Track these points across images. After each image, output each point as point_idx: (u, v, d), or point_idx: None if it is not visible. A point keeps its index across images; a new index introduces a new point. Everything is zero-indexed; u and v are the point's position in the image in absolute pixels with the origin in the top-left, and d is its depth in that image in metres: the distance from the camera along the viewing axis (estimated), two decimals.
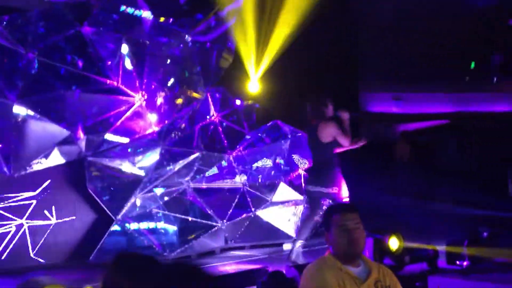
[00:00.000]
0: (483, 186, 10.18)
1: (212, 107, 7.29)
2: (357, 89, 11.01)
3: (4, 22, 5.91)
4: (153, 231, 6.71)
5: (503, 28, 12.61)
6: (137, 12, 6.82)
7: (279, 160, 7.74)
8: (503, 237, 6.62)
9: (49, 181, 6.07)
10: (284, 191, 7.56)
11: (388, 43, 11.21)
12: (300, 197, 7.55)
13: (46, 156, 5.94)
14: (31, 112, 5.90)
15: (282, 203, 7.55)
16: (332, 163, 6.00)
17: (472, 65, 12.87)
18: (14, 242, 5.76)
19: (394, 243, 5.75)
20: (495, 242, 6.42)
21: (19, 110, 5.84)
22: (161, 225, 6.76)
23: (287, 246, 7.31)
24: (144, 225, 6.64)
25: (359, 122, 7.17)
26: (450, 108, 11.86)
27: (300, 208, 7.64)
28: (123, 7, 6.71)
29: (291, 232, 7.41)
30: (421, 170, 11.47)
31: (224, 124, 7.39)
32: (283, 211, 7.55)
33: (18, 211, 5.83)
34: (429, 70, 11.83)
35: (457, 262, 6.15)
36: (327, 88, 9.03)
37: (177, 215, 6.80)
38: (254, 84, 8.26)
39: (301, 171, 7.69)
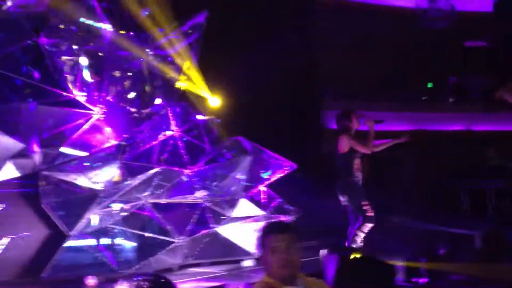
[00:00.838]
0: (438, 202, 10.42)
1: (172, 122, 7.22)
2: (320, 107, 11.15)
3: None
4: (110, 247, 6.54)
5: (459, 50, 13.07)
6: (97, 25, 6.74)
7: (240, 176, 7.69)
8: (459, 253, 6.78)
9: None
10: (244, 207, 7.51)
11: (349, 63, 11.43)
12: (262, 213, 7.52)
13: None
14: None
15: (243, 219, 7.49)
16: (346, 173, 6.66)
17: (429, 85, 13.26)
18: None
19: (356, 258, 5.79)
20: (451, 258, 6.55)
21: None
22: (118, 241, 6.61)
23: (246, 263, 7.25)
24: (100, 241, 6.47)
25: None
26: (408, 126, 12.11)
27: (261, 224, 7.60)
28: (82, 19, 6.61)
29: (251, 249, 7.35)
30: (378, 187, 11.63)
31: (185, 139, 7.32)
32: (244, 227, 7.50)
33: None
34: (388, 89, 12.12)
35: (413, 280, 6.22)
36: (290, 105, 9.14)
37: (135, 231, 6.66)
38: (214, 99, 8.24)
39: (262, 187, 7.68)
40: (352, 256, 5.91)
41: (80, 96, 6.34)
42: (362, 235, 6.67)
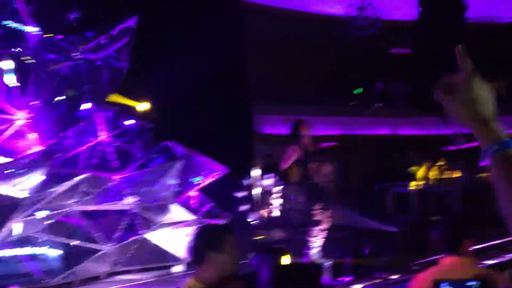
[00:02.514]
0: (365, 204, 10.81)
1: (100, 127, 7.13)
2: (251, 112, 11.31)
3: None
4: (33, 257, 6.37)
5: (385, 57, 13.61)
6: (22, 27, 6.54)
7: (171, 181, 7.70)
8: (382, 251, 7.19)
9: None
10: (175, 213, 7.53)
11: (279, 68, 11.65)
12: (192, 218, 7.56)
13: None
14: None
15: (173, 224, 7.50)
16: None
17: (357, 91, 13.73)
18: None
19: (286, 261, 6.08)
20: (375, 257, 6.95)
21: None
22: (42, 250, 6.44)
23: (176, 269, 7.27)
24: (23, 250, 6.29)
25: None
26: (337, 130, 12.50)
27: (192, 229, 7.64)
28: (6, 21, 6.40)
29: (181, 254, 7.38)
30: (306, 190, 11.93)
31: (115, 144, 7.25)
32: (174, 233, 7.51)
33: None
34: (317, 94, 12.45)
35: (339, 278, 6.51)
36: (221, 108, 9.19)
37: (60, 239, 6.52)
38: (143, 104, 8.20)
39: (194, 192, 7.72)
40: (282, 259, 6.14)
41: (2, 101, 6.13)
42: (313, 239, 6.77)
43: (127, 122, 7.48)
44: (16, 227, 6.13)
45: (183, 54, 8.33)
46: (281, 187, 7.10)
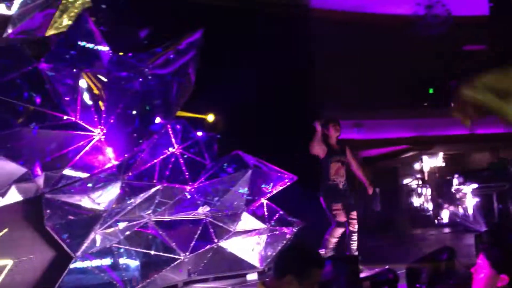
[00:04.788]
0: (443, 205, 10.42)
1: (173, 139, 7.32)
2: (319, 118, 11.20)
3: None
4: (114, 267, 6.63)
5: (459, 54, 13.11)
6: (95, 47, 6.86)
7: (241, 190, 7.77)
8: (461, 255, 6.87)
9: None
10: (247, 221, 7.59)
11: (348, 73, 11.50)
12: (263, 226, 7.59)
13: (3, 195, 5.85)
14: None
15: (246, 233, 7.56)
16: (323, 177, 7.00)
17: (430, 91, 13.30)
18: None
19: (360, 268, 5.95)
20: (454, 261, 6.63)
21: None
22: (122, 260, 6.69)
23: (250, 277, 7.31)
24: (105, 261, 6.56)
25: None
26: (410, 133, 12.16)
27: (264, 237, 7.67)
28: (81, 43, 6.74)
29: (255, 262, 7.42)
30: (383, 194, 11.66)
31: (186, 156, 7.41)
32: (246, 241, 7.56)
33: None
34: (388, 96, 12.17)
35: (417, 285, 6.26)
36: (290, 117, 9.18)
37: (139, 249, 6.74)
38: (211, 116, 8.34)
39: (264, 201, 7.74)
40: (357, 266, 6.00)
41: (80, 119, 6.44)
42: (333, 240, 6.78)
43: (196, 134, 7.63)
44: (98, 239, 6.40)
45: (250, 64, 8.42)
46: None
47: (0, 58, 6.20)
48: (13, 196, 5.97)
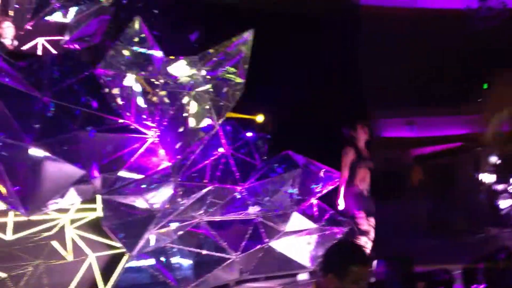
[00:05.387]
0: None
1: (223, 140, 7.42)
2: (370, 116, 11.09)
3: (20, 68, 6.14)
4: (168, 266, 6.80)
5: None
6: (148, 52, 7.02)
7: (292, 190, 7.80)
8: None
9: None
10: (297, 221, 7.61)
11: (398, 69, 11.30)
12: (314, 226, 7.59)
13: (62, 196, 6.09)
14: (47, 154, 6.06)
15: (296, 233, 7.59)
16: (348, 182, 6.90)
17: (485, 86, 12.88)
18: (31, 283, 5.87)
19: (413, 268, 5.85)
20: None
21: (36, 152, 6.02)
22: (175, 259, 6.85)
23: (301, 276, 7.33)
24: (158, 260, 6.73)
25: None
26: (463, 130, 11.84)
27: (314, 237, 7.67)
28: (135, 48, 6.91)
29: (305, 262, 7.44)
30: (437, 193, 11.40)
31: (236, 156, 7.51)
32: (297, 241, 7.59)
33: (35, 251, 5.96)
34: (441, 93, 11.88)
35: (474, 286, 6.12)
36: (340, 116, 9.11)
37: (191, 249, 6.88)
38: (260, 116, 8.38)
39: (314, 200, 7.74)
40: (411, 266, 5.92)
41: (135, 122, 6.62)
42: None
43: (246, 135, 7.70)
44: (152, 238, 6.58)
45: (300, 64, 8.42)
46: None
47: (59, 64, 6.42)
48: (72, 197, 6.21)
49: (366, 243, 6.63)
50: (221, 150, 7.38)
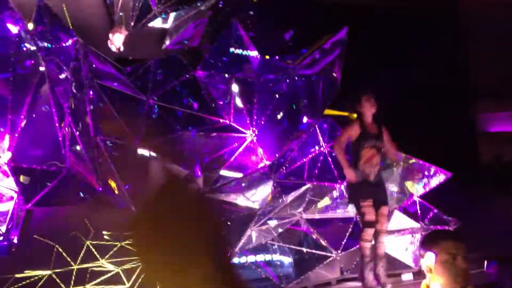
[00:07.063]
0: None
1: (320, 138, 7.39)
2: (474, 111, 10.58)
3: (127, 73, 6.51)
4: (269, 263, 6.86)
5: None
6: (245, 52, 7.17)
7: (392, 188, 7.59)
8: None
9: None
10: (399, 219, 7.39)
11: (505, 60, 10.68)
12: (417, 225, 7.33)
13: None
14: (153, 154, 6.38)
15: (398, 231, 7.37)
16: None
17: None
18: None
19: None
20: None
21: (143, 152, 6.34)
22: (276, 257, 6.90)
23: (406, 277, 7.10)
24: (260, 257, 6.82)
25: None
26: None
27: (418, 236, 7.40)
28: (232, 49, 7.09)
29: (409, 262, 7.20)
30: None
31: (334, 154, 7.43)
32: (399, 240, 7.37)
33: None
34: None
35: None
36: (443, 111, 8.79)
37: (292, 246, 6.91)
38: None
39: (416, 198, 7.48)
40: None
41: (233, 121, 6.78)
42: (367, 244, 6.08)
43: None
44: (253, 235, 6.69)
45: (399, 58, 8.21)
46: None
47: (162, 68, 6.74)
48: None
49: (369, 235, 5.96)
50: (317, 147, 7.35)
